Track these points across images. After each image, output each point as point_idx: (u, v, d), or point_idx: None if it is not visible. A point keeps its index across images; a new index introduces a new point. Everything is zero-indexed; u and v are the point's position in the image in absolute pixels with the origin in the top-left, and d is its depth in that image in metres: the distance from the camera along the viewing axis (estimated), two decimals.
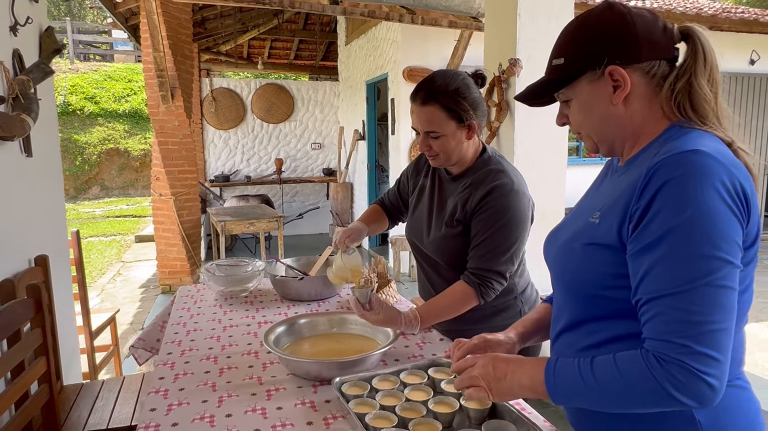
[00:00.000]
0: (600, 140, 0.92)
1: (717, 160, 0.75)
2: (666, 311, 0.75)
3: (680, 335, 0.73)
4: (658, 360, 0.75)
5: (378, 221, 1.80)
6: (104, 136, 12.67)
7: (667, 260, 0.75)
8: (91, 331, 2.68)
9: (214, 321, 1.74)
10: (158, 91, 4.65)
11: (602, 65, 0.85)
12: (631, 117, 0.88)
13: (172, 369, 1.38)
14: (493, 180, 1.40)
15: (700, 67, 0.84)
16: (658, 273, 0.76)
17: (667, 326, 0.75)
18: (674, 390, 0.73)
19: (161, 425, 1.11)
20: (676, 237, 0.75)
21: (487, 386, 0.91)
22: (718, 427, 0.82)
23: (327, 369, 1.26)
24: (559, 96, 0.94)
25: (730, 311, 0.74)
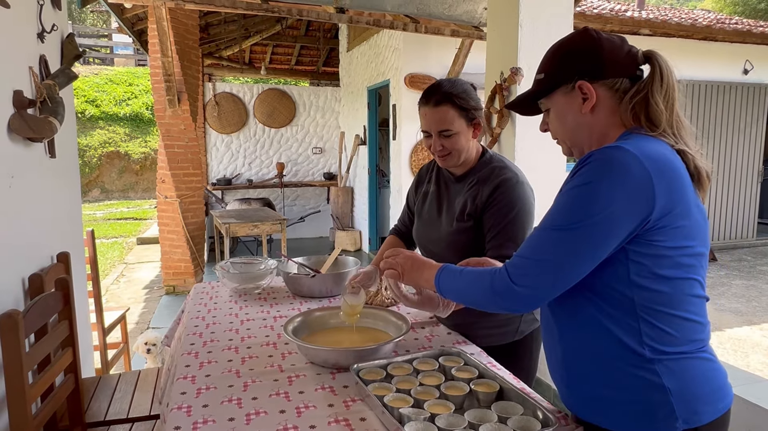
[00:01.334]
0: (572, 144, 1.09)
1: (634, 156, 0.90)
2: (525, 243, 1.03)
3: (519, 254, 1.00)
4: (497, 271, 1.03)
5: None
6: (105, 139, 12.74)
7: (548, 214, 0.99)
8: (104, 328, 2.76)
9: (231, 315, 1.82)
10: (165, 96, 4.74)
11: (573, 80, 1.02)
12: (597, 124, 1.03)
13: (197, 358, 1.46)
14: (498, 175, 1.51)
15: (656, 85, 0.99)
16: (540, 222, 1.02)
17: (518, 249, 1.03)
18: (494, 289, 1.01)
19: (192, 406, 1.19)
20: (564, 199, 0.96)
21: (401, 272, 1.26)
22: (685, 393, 0.94)
23: (344, 357, 1.35)
24: (542, 105, 1.12)
25: (551, 251, 0.95)
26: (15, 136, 1.70)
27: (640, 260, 0.93)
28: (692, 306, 0.97)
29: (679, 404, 0.93)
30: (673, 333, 0.94)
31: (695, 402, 0.95)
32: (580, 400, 1.05)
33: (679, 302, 0.95)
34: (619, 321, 0.96)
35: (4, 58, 1.68)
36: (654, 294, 0.94)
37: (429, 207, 1.68)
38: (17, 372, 1.32)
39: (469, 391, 1.17)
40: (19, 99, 1.71)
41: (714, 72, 6.89)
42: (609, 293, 0.96)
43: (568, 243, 0.93)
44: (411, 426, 1.02)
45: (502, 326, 1.59)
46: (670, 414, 0.93)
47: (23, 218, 1.79)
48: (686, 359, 0.96)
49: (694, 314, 0.97)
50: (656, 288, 0.93)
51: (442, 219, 1.62)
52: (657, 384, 0.94)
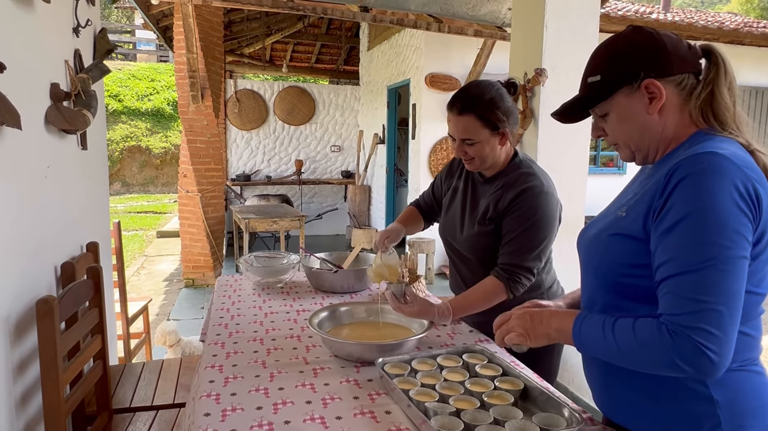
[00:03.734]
0: (637, 149, 1.02)
1: (731, 161, 0.86)
2: (675, 290, 0.86)
3: (686, 311, 0.84)
4: (669, 331, 0.85)
5: (414, 222, 1.91)
6: (127, 133, 12.95)
7: (679, 245, 0.86)
8: (127, 317, 2.82)
9: (255, 308, 1.85)
10: (189, 91, 4.81)
11: (638, 79, 0.96)
12: (665, 125, 0.98)
13: (223, 348, 1.49)
14: (524, 182, 1.50)
15: (721, 78, 0.95)
16: (671, 257, 0.87)
17: (676, 302, 0.86)
18: (678, 359, 0.84)
19: (221, 394, 1.22)
20: (687, 224, 0.85)
21: (525, 332, 1.07)
22: (733, 406, 0.92)
23: (368, 351, 1.37)
24: (596, 110, 1.04)
25: (732, 294, 0.84)
26: (51, 127, 1.75)
27: None
28: (753, 321, 0.94)
29: (726, 417, 0.91)
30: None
31: (743, 416, 0.92)
32: (619, 404, 1.04)
33: (748, 318, 0.91)
34: None
35: (43, 51, 1.73)
36: None
37: (455, 204, 1.69)
38: (52, 357, 1.36)
39: (493, 388, 1.18)
40: (55, 91, 1.76)
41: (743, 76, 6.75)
42: None
43: (737, 272, 0.84)
44: (437, 420, 1.03)
45: None
46: (716, 426, 0.91)
47: (56, 208, 1.84)
48: (737, 371, 0.93)
49: (752, 329, 0.94)
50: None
51: (465, 220, 1.63)
52: (705, 396, 0.92)
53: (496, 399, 1.13)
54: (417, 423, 1.07)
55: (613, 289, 1.01)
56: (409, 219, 1.90)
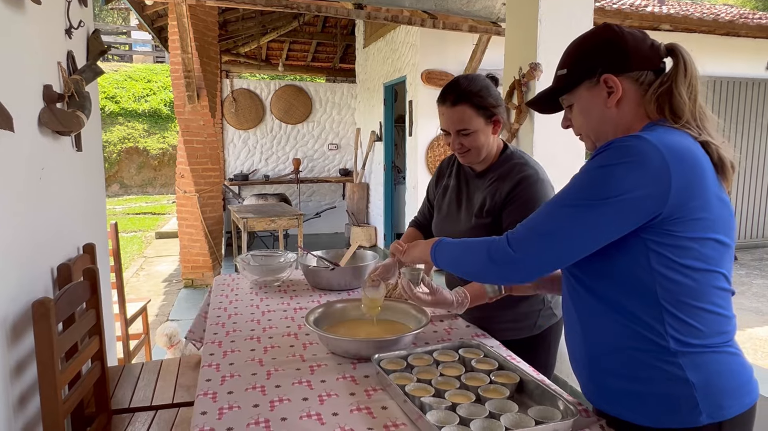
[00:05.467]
0: (597, 139, 1.07)
1: (653, 146, 0.91)
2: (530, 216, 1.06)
3: (523, 221, 1.05)
4: (497, 239, 1.06)
5: None
6: (124, 134, 12.93)
7: (558, 193, 1.02)
8: (126, 319, 2.82)
9: (252, 306, 1.86)
10: (185, 92, 4.81)
11: (598, 74, 1.02)
12: (622, 117, 1.03)
13: (220, 347, 1.50)
14: (519, 172, 1.51)
15: (680, 77, 0.99)
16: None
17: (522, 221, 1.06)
18: (489, 249, 1.06)
19: (218, 393, 1.22)
20: (574, 181, 0.99)
21: (403, 250, 1.40)
22: (709, 388, 0.94)
23: (365, 347, 1.37)
24: (563, 102, 1.10)
25: (559, 228, 0.97)
26: (45, 129, 1.75)
27: (659, 250, 0.93)
28: (717, 298, 0.96)
29: (703, 398, 0.93)
30: (698, 326, 0.93)
31: (720, 397, 0.94)
32: (603, 393, 1.06)
33: (703, 294, 0.95)
34: (642, 312, 0.96)
35: (35, 52, 1.73)
36: (677, 285, 0.94)
37: (449, 201, 1.68)
38: (49, 359, 1.36)
39: (489, 382, 1.18)
40: (48, 93, 1.76)
41: (737, 68, 6.77)
42: (631, 283, 0.96)
43: (574, 219, 0.95)
44: (432, 415, 1.04)
45: (520, 320, 1.60)
46: (694, 407, 0.93)
47: (52, 210, 1.84)
48: (711, 353, 0.95)
49: (719, 307, 0.96)
50: (679, 279, 0.93)
51: (461, 214, 1.63)
52: (680, 378, 0.94)
53: (491, 393, 1.13)
54: (413, 418, 1.08)
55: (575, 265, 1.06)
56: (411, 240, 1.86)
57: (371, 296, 1.55)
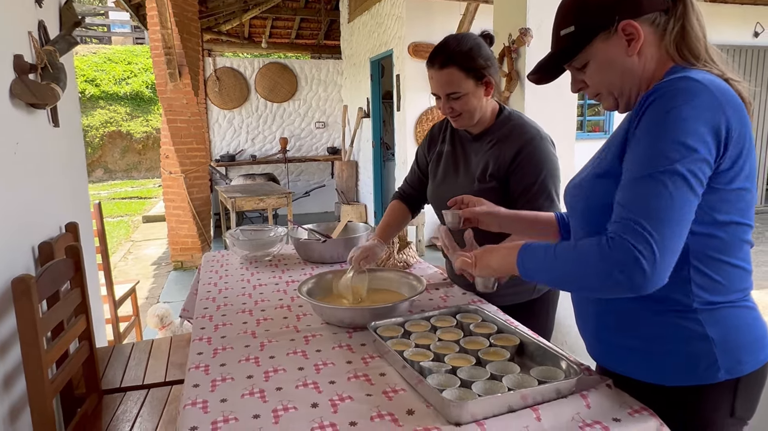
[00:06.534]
0: (620, 94, 0.99)
1: (704, 85, 0.84)
2: (619, 200, 0.87)
3: (624, 218, 0.83)
4: (608, 239, 0.85)
5: (398, 222, 1.77)
6: (106, 118, 12.66)
7: (632, 159, 0.87)
8: (114, 300, 2.76)
9: (243, 281, 1.81)
10: (166, 69, 4.67)
11: (614, 23, 0.93)
12: (644, 65, 0.96)
13: (211, 321, 1.45)
14: (520, 134, 1.46)
15: (689, 12, 0.93)
16: (629, 168, 0.88)
17: (617, 212, 0.86)
18: (613, 266, 0.82)
19: (210, 366, 1.18)
20: (645, 139, 0.85)
21: (474, 259, 1.12)
22: (728, 343, 0.91)
23: (360, 316, 1.34)
24: (573, 63, 1.00)
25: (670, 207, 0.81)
26: (18, 101, 1.67)
27: (701, 205, 0.85)
28: (742, 252, 0.92)
29: (722, 354, 0.90)
30: (722, 282, 0.89)
31: (738, 352, 0.92)
32: (610, 351, 1.02)
33: (731, 248, 0.90)
34: None
35: (3, 22, 1.64)
36: (711, 240, 0.89)
37: (444, 167, 1.63)
38: (33, 338, 1.31)
39: (488, 345, 1.15)
40: (19, 64, 1.67)
41: (724, 35, 6.73)
42: None
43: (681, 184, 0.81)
44: (433, 379, 1.01)
45: (518, 284, 1.56)
46: (713, 364, 0.91)
47: (30, 186, 1.77)
48: (731, 308, 0.92)
49: (743, 260, 0.93)
50: (714, 233, 0.89)
51: (460, 179, 1.58)
52: (700, 334, 0.91)
53: (492, 356, 1.11)
54: (413, 383, 1.05)
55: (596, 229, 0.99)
56: (391, 224, 1.75)
57: (356, 284, 1.51)
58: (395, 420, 0.94)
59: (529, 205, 1.44)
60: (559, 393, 0.97)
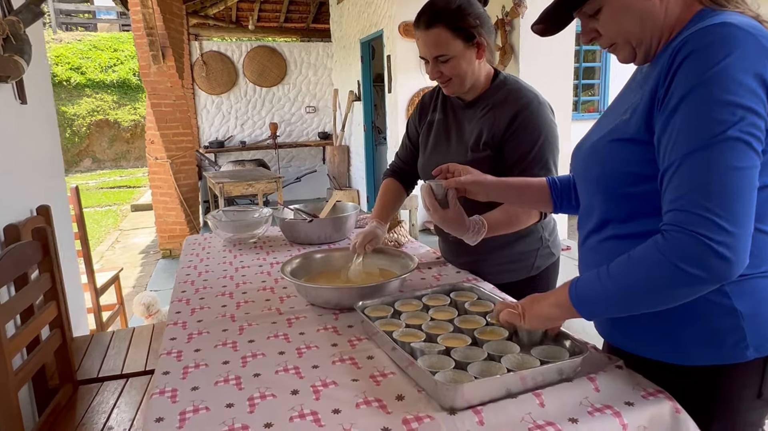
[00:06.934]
0: (638, 43, 0.88)
1: (745, 31, 0.74)
2: (674, 182, 0.75)
3: (685, 205, 0.73)
4: (667, 233, 0.74)
5: (395, 199, 1.67)
6: (93, 107, 12.42)
7: (679, 129, 0.75)
8: (96, 288, 2.66)
9: (225, 263, 1.72)
10: (149, 51, 4.52)
11: None
12: (668, 8, 0.84)
13: (188, 305, 1.36)
14: (517, 99, 1.36)
15: None
16: (676, 141, 0.75)
17: (674, 198, 0.75)
18: (682, 262, 0.72)
19: (183, 351, 1.09)
20: (689, 102, 0.74)
21: (522, 310, 0.97)
22: (757, 317, 0.82)
23: (347, 295, 1.24)
24: (585, 10, 0.89)
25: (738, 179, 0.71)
26: None
27: None
28: None
29: (752, 330, 0.81)
30: (753, 251, 0.77)
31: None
32: (625, 328, 0.93)
33: (764, 215, 0.79)
34: None
35: None
36: None
37: (436, 136, 1.53)
38: None
39: (485, 324, 1.06)
40: None
41: None
42: None
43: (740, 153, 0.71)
44: (425, 360, 0.92)
45: (516, 261, 1.48)
46: (740, 341, 0.81)
47: None
48: (761, 278, 0.82)
49: None
50: None
51: (452, 148, 1.47)
52: (726, 308, 0.81)
53: (489, 335, 1.02)
54: (403, 366, 0.96)
55: (615, 201, 0.89)
56: (388, 203, 1.65)
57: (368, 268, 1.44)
58: (383, 406, 0.85)
59: (524, 175, 1.33)
60: (562, 374, 0.89)
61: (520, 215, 1.35)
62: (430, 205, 1.19)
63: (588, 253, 0.97)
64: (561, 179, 1.16)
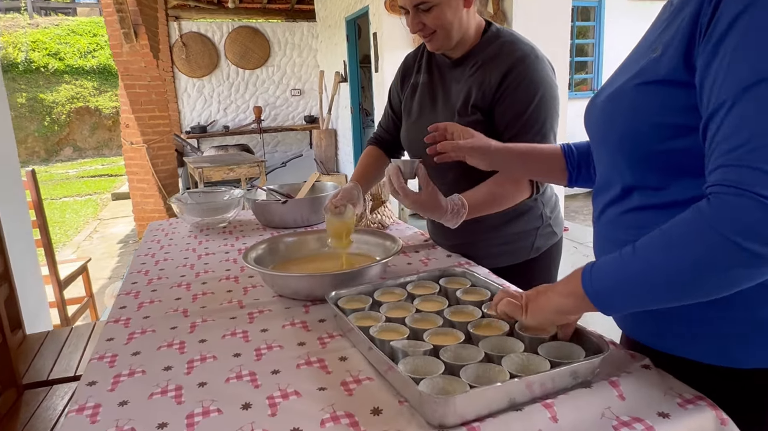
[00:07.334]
0: None
1: None
2: (731, 124, 0.56)
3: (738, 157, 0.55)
4: (710, 198, 0.57)
5: (375, 167, 1.49)
6: (72, 94, 12.05)
7: (730, 60, 0.57)
8: (59, 281, 2.46)
9: (187, 250, 1.53)
10: (120, 29, 4.26)
11: None
12: None
13: (137, 298, 1.17)
14: (510, 52, 1.17)
15: None
16: (726, 75, 0.57)
17: (723, 148, 0.57)
18: (734, 233, 0.54)
19: (119, 355, 0.91)
20: (742, 25, 0.56)
21: (525, 302, 0.79)
22: None
23: (319, 285, 1.06)
24: None
25: None
26: None
27: None
28: None
29: None
30: None
31: None
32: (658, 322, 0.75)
33: None
34: None
35: None
36: None
37: (420, 101, 1.34)
38: None
39: (481, 316, 0.89)
40: None
41: None
42: None
43: None
44: (408, 363, 0.74)
45: (513, 242, 1.30)
46: None
47: None
48: None
49: None
50: None
51: (438, 113, 1.29)
52: None
53: (485, 330, 0.85)
54: (382, 370, 0.78)
55: (644, 163, 0.71)
56: (368, 168, 1.48)
57: (338, 221, 1.22)
58: (355, 423, 0.67)
59: (516, 141, 1.15)
60: (577, 377, 0.71)
61: (506, 193, 1.16)
62: (399, 188, 1.03)
63: (606, 229, 0.80)
64: (577, 145, 0.98)
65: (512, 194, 1.17)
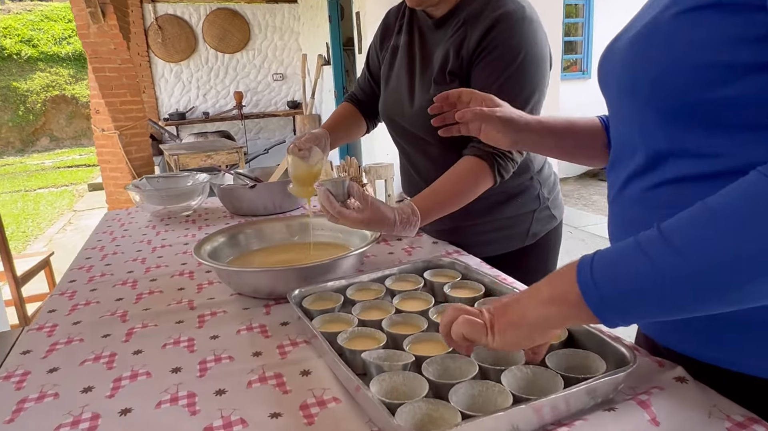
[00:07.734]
0: None
1: None
2: None
3: None
4: None
5: (348, 122, 1.32)
6: (47, 82, 11.66)
7: None
8: (15, 276, 2.27)
9: (142, 242, 1.36)
10: (85, 8, 4.02)
11: None
12: None
13: (71, 299, 1.00)
14: (495, 9, 0.99)
15: None
16: None
17: None
18: None
19: (32, 372, 0.74)
20: None
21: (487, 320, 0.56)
22: None
23: (283, 280, 0.90)
24: None
25: None
26: None
27: None
28: None
29: None
30: None
31: None
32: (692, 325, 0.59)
33: None
34: None
35: None
36: None
37: (398, 67, 1.16)
38: None
39: None
40: None
41: None
42: None
43: None
44: (382, 382, 0.58)
45: (507, 228, 1.15)
46: None
47: None
48: None
49: None
50: None
51: (416, 84, 1.12)
52: None
53: None
54: (351, 389, 0.62)
55: (682, 119, 0.54)
56: (340, 122, 1.29)
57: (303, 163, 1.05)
58: None
59: None
60: (597, 396, 0.56)
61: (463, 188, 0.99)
62: (335, 212, 0.88)
63: (627, 208, 0.63)
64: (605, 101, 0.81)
65: (472, 188, 0.99)
